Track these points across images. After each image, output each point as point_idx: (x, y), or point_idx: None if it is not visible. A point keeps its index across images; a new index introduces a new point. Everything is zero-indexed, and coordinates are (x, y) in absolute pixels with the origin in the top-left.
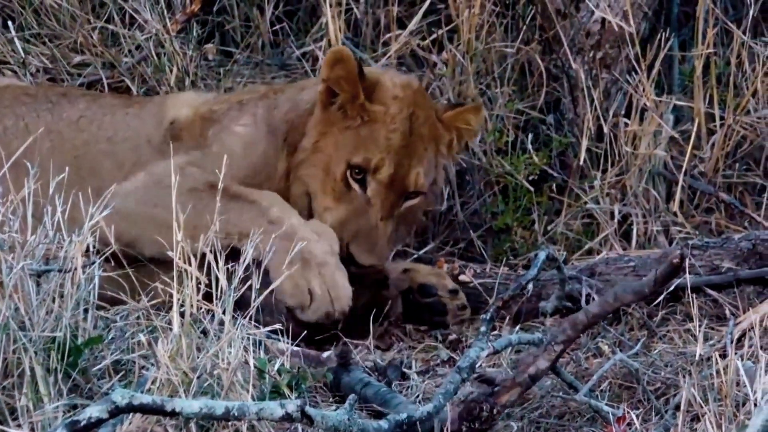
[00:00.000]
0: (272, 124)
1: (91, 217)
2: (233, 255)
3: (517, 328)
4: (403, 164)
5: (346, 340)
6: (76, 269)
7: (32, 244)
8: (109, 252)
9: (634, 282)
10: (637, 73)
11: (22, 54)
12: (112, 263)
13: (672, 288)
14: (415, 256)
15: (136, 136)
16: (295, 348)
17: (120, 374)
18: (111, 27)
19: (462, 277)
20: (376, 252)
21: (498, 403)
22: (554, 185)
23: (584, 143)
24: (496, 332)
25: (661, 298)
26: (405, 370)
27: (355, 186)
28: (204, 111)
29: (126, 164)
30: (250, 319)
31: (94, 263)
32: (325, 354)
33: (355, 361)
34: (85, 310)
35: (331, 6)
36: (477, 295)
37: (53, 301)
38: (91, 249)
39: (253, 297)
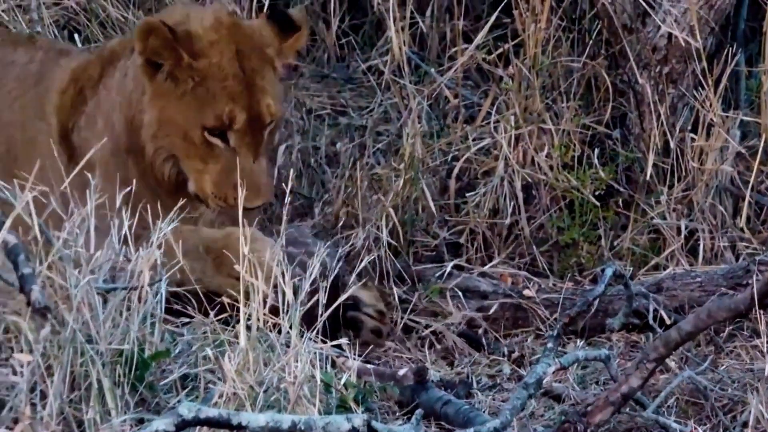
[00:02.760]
0: (114, 139)
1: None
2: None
3: (581, 342)
4: (252, 104)
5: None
6: (143, 287)
7: (99, 260)
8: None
9: (728, 299)
10: (703, 88)
11: None
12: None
13: None
14: (481, 270)
15: None
16: (368, 366)
17: (187, 389)
18: None
19: (526, 292)
20: (262, 192)
21: (591, 423)
22: (620, 200)
23: (651, 158)
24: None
25: None
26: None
27: (217, 142)
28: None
29: None
30: (318, 333)
31: (160, 280)
32: (401, 371)
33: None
34: (152, 324)
35: (396, 20)
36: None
37: (120, 314)
38: (158, 263)
39: (320, 311)
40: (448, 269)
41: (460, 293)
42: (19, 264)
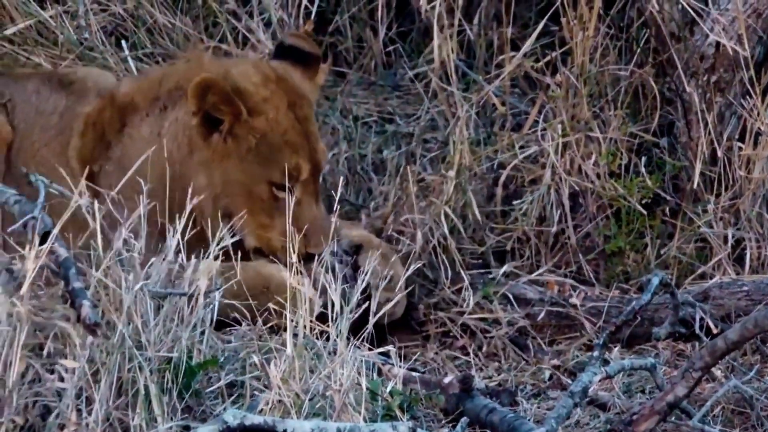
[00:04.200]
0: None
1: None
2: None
3: (616, 348)
4: (311, 152)
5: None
6: (199, 294)
7: (153, 266)
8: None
9: None
10: (751, 97)
11: (136, 73)
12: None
13: None
14: (528, 278)
15: None
16: (414, 374)
17: (233, 397)
18: (224, 47)
19: (572, 300)
20: (326, 237)
21: None
22: (667, 209)
23: (698, 167)
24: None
25: None
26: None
27: (284, 195)
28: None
29: None
30: (364, 341)
31: (218, 289)
32: (447, 379)
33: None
34: (201, 332)
35: (443, 27)
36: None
37: (171, 321)
38: (213, 273)
39: (371, 320)
40: (498, 276)
41: (506, 300)
42: (69, 278)
